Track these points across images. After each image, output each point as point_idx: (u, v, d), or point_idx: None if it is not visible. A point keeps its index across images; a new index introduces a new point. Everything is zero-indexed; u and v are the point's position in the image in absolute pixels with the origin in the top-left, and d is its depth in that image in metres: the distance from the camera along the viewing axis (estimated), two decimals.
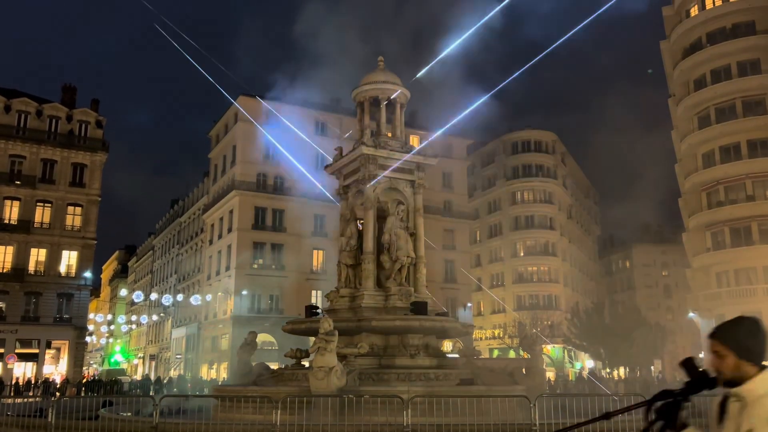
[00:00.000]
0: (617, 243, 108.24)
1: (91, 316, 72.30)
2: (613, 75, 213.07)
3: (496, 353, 69.01)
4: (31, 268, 49.15)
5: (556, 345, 66.19)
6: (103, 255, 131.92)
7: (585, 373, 54.54)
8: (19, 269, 48.16)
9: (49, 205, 50.36)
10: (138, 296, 71.67)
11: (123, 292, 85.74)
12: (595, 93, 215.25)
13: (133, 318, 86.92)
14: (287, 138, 58.71)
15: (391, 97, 20.58)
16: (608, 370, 55.38)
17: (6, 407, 16.41)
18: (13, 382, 41.32)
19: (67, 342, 49.50)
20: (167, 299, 61.57)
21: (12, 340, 46.79)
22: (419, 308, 18.05)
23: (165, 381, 46.98)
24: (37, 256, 49.53)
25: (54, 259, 49.75)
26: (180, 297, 62.86)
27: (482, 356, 35.46)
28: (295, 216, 56.17)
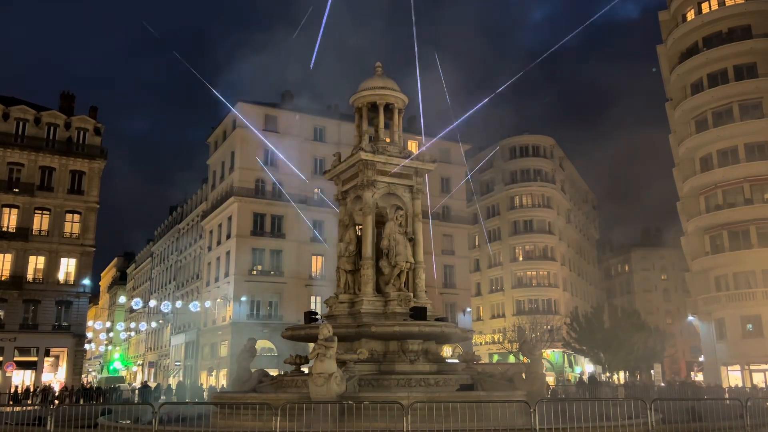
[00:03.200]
0: (616, 247, 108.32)
1: (89, 323, 72.14)
2: (610, 80, 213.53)
3: (495, 358, 68.92)
4: (30, 275, 49.05)
5: (555, 349, 66.12)
6: (101, 262, 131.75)
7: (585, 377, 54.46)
8: (17, 277, 48.06)
9: (48, 212, 50.31)
10: (137, 303, 71.46)
11: (122, 299, 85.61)
12: (592, 96, 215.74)
13: (132, 325, 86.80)
14: (286, 144, 58.83)
15: (389, 103, 20.61)
16: (608, 374, 55.30)
17: (4, 416, 16.34)
18: (12, 390, 41.13)
19: (65, 349, 49.37)
20: (166, 306, 61.46)
21: (11, 348, 46.64)
22: (418, 313, 18.03)
23: (164, 388, 46.77)
24: (36, 263, 49.44)
25: (52, 266, 49.66)
26: (179, 304, 62.76)
27: (482, 361, 35.51)
28: (293, 222, 56.18)
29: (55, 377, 48.45)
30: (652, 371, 56.79)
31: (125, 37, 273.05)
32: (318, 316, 19.90)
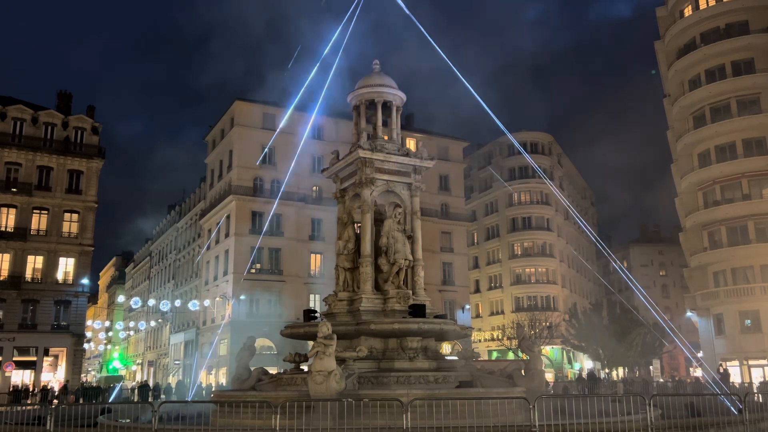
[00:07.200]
0: (615, 243, 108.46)
1: (88, 323, 72.07)
2: (606, 76, 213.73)
3: (494, 355, 69.00)
4: (28, 275, 48.99)
5: (554, 346, 66.19)
6: (100, 261, 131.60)
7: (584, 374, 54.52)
8: (16, 277, 48.00)
9: (46, 212, 50.24)
10: (136, 302, 71.40)
11: (121, 298, 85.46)
12: (589, 93, 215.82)
13: (131, 324, 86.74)
14: (283, 142, 58.80)
15: (387, 101, 20.59)
16: (607, 370, 55.39)
17: (4, 415, 16.32)
18: (12, 389, 41.12)
19: (65, 349, 49.32)
20: (165, 305, 61.40)
21: (9, 348, 46.61)
22: (417, 311, 18.04)
23: (163, 386, 46.77)
24: (34, 263, 49.39)
25: (51, 266, 49.60)
26: (178, 303, 62.69)
27: (481, 358, 35.50)
28: (292, 220, 56.15)
29: (54, 377, 48.42)
30: (651, 367, 56.77)
31: (123, 36, 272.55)
32: (317, 314, 19.90)
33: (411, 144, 54.07)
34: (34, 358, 47.85)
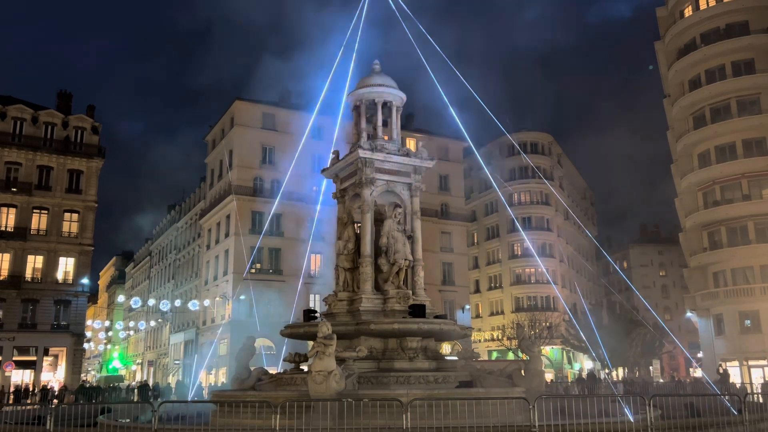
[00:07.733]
0: (614, 244, 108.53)
1: (88, 322, 72.06)
2: (605, 77, 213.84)
3: (494, 355, 68.98)
4: (28, 275, 49.01)
5: (554, 346, 66.18)
6: (100, 261, 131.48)
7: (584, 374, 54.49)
8: (16, 276, 48.03)
9: (46, 211, 50.27)
10: (135, 302, 71.40)
11: (120, 298, 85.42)
12: (589, 94, 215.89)
13: (131, 324, 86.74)
14: (283, 141, 58.79)
15: (387, 101, 20.58)
16: (607, 371, 55.37)
17: (4, 415, 16.33)
18: (12, 389, 41.12)
19: (65, 349, 49.35)
20: (165, 305, 61.40)
21: (9, 347, 46.64)
22: (417, 311, 18.03)
23: (163, 387, 46.74)
24: (34, 263, 49.43)
25: (51, 265, 49.62)
26: (178, 302, 62.71)
27: (481, 358, 35.56)
28: (292, 220, 56.13)
29: (54, 377, 48.44)
30: (651, 367, 56.73)
31: (123, 36, 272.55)
32: (317, 314, 19.89)
33: (411, 144, 54.05)
34: (34, 358, 47.88)
